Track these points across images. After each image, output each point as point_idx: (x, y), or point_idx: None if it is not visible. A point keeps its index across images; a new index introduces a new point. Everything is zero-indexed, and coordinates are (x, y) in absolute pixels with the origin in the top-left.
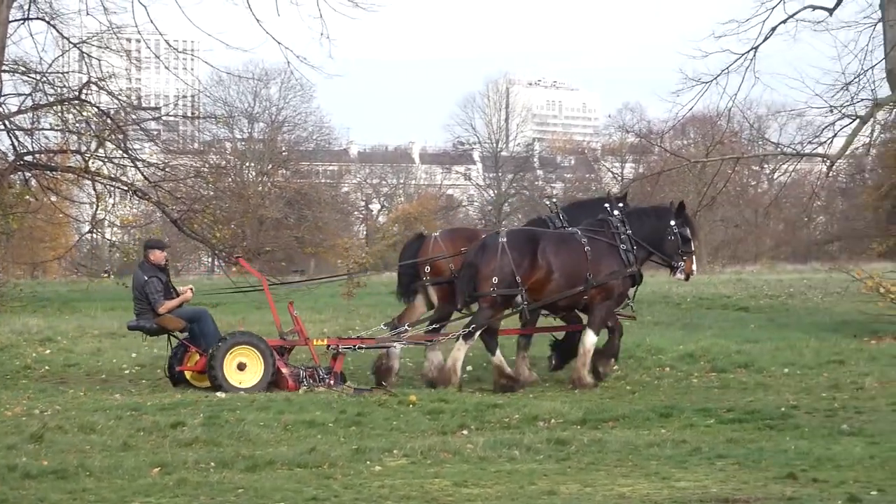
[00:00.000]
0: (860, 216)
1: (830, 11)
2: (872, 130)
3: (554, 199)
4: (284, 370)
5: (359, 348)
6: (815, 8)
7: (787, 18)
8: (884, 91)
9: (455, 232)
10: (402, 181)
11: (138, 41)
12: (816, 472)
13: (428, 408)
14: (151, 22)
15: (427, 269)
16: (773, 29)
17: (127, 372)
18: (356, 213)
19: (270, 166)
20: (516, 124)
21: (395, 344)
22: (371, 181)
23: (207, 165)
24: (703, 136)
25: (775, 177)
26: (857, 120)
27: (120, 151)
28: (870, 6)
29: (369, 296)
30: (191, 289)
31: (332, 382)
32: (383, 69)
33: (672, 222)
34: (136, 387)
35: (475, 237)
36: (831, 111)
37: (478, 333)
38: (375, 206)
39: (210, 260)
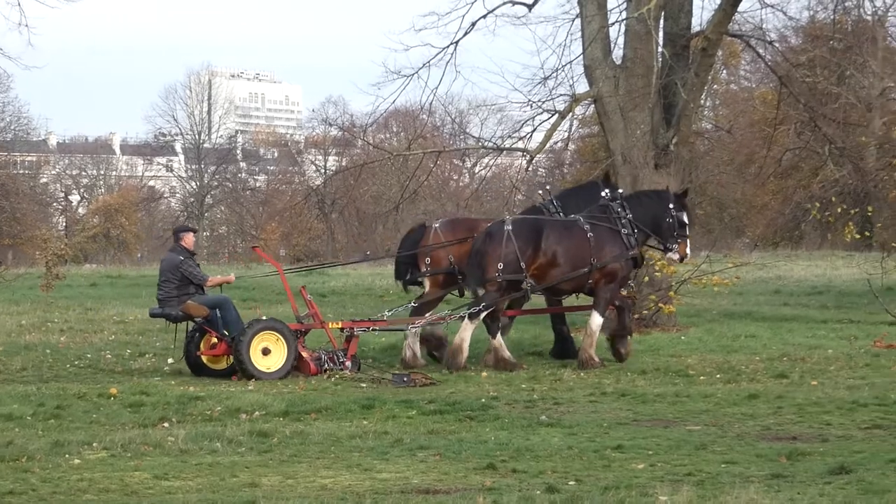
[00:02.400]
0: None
1: (530, 7)
2: (571, 125)
3: (547, 188)
4: (305, 354)
5: (372, 330)
6: (514, 3)
7: (488, 13)
8: (582, 86)
9: (455, 222)
10: (102, 172)
11: None
12: (516, 463)
13: (129, 400)
14: None
15: (427, 259)
16: (474, 24)
17: None
18: (55, 204)
19: None
20: (219, 116)
21: (410, 326)
22: (71, 172)
23: None
24: (405, 129)
25: (476, 171)
26: (556, 115)
27: None
28: (568, 2)
29: (69, 288)
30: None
31: (348, 364)
32: (84, 59)
33: (671, 206)
34: None
35: (475, 227)
36: (530, 106)
37: (483, 315)
38: (75, 198)
39: None
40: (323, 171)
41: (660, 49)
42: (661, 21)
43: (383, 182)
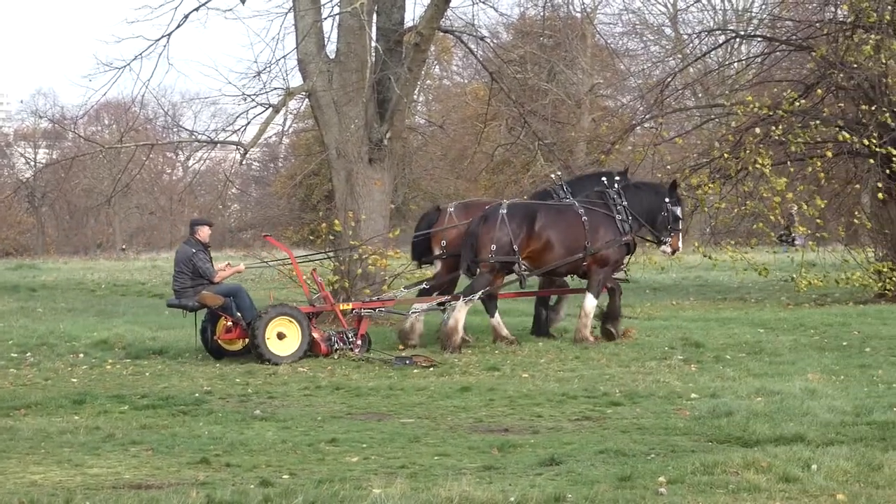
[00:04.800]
0: (274, 204)
1: (243, 0)
2: (285, 119)
3: (558, 173)
4: (316, 335)
5: (380, 311)
6: None
7: (200, 6)
8: (296, 80)
9: (469, 205)
10: None
11: None
12: (230, 457)
13: None
14: None
15: (443, 242)
16: (186, 16)
17: None
18: None
19: None
20: None
21: (417, 306)
22: None
23: None
24: (117, 122)
25: (190, 164)
26: (270, 108)
27: None
28: None
29: None
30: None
31: (358, 343)
32: None
33: (667, 199)
34: None
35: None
36: (244, 99)
37: (478, 295)
38: None
39: None
40: (33, 163)
41: (373, 44)
42: (375, 16)
43: (95, 175)
